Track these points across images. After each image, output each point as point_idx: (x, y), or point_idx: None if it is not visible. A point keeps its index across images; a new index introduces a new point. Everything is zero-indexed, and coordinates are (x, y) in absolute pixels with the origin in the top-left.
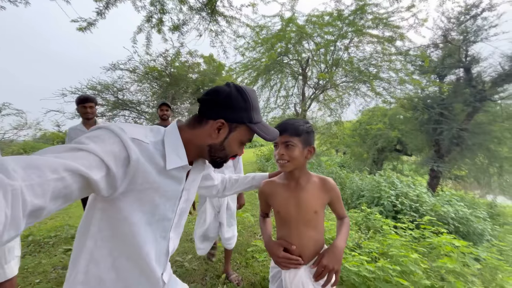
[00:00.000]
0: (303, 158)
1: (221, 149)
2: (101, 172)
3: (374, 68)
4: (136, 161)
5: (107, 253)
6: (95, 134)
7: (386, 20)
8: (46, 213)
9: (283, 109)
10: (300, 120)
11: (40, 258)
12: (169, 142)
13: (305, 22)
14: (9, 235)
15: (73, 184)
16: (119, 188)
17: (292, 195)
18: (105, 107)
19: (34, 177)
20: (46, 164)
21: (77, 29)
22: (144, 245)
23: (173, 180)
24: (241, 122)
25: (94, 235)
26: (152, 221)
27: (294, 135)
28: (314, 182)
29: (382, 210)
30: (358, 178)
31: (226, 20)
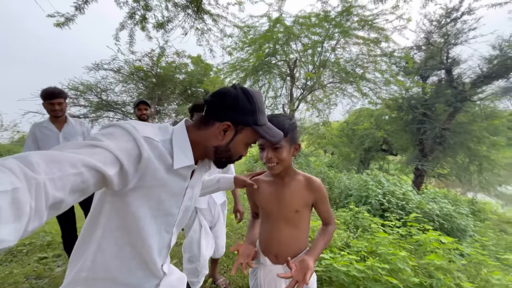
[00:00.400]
0: (291, 157)
1: (226, 151)
2: (115, 168)
3: (360, 69)
4: (147, 159)
5: (113, 242)
6: (110, 131)
7: (371, 22)
8: (65, 205)
9: (272, 109)
10: (284, 118)
11: (11, 267)
12: (177, 141)
13: (293, 23)
14: (33, 225)
15: (90, 179)
16: (130, 183)
17: (275, 192)
18: (88, 108)
19: (56, 171)
20: (66, 160)
21: (54, 25)
22: (148, 238)
23: (179, 177)
24: (247, 124)
25: (104, 226)
26: (157, 215)
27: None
28: (299, 180)
29: (370, 208)
30: (346, 177)
31: (213, 19)
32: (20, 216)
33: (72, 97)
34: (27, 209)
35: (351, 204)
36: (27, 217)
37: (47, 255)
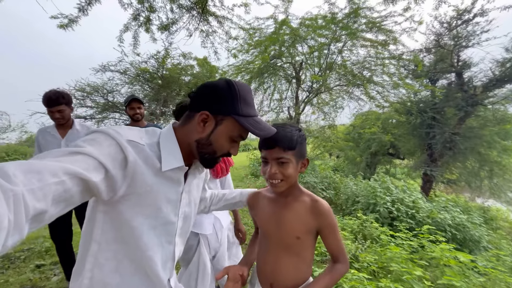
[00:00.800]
0: (297, 174)
1: (208, 144)
2: (100, 174)
3: (367, 72)
4: (133, 162)
5: (111, 255)
6: (91, 137)
7: (379, 24)
8: (48, 217)
9: (277, 112)
10: (292, 128)
11: (8, 275)
12: (164, 143)
13: (299, 25)
14: (13, 240)
15: (73, 187)
16: (119, 191)
17: (275, 212)
18: (94, 109)
19: (35, 181)
20: (46, 168)
21: (57, 27)
22: (147, 250)
23: (170, 182)
24: (226, 114)
25: (98, 238)
26: (155, 225)
27: (287, 149)
28: (303, 201)
29: (378, 217)
30: (352, 183)
31: (218, 20)
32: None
33: (79, 98)
34: (5, 223)
35: (358, 212)
36: (5, 231)
37: (44, 262)
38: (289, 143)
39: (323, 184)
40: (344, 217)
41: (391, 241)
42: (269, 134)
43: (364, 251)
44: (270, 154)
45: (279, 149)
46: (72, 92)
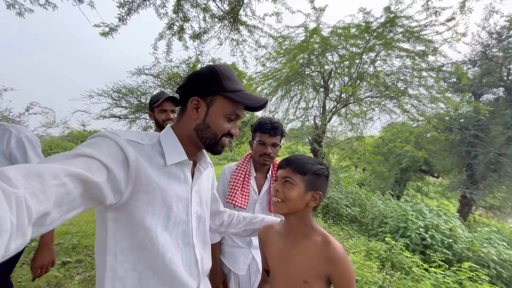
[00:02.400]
0: (303, 203)
1: (206, 128)
2: (102, 175)
3: (402, 84)
4: (135, 160)
5: (130, 267)
6: (90, 141)
7: (418, 34)
8: (51, 220)
9: (302, 121)
10: (313, 159)
11: None
12: (165, 141)
13: (330, 33)
14: (16, 243)
15: (74, 189)
16: (125, 192)
17: (283, 249)
18: (128, 110)
19: (36, 184)
20: (47, 171)
21: (100, 34)
22: (166, 252)
23: (177, 179)
24: (214, 93)
25: (113, 249)
26: (168, 225)
27: (297, 172)
28: (314, 241)
29: (409, 243)
30: (381, 201)
31: (248, 30)
32: (0, 232)
33: (115, 99)
34: (8, 225)
35: (387, 236)
36: (8, 233)
37: (70, 259)
38: (301, 167)
39: (348, 200)
40: (370, 238)
41: (424, 275)
42: (259, 103)
43: (393, 284)
44: (281, 172)
45: (289, 170)
46: (109, 93)
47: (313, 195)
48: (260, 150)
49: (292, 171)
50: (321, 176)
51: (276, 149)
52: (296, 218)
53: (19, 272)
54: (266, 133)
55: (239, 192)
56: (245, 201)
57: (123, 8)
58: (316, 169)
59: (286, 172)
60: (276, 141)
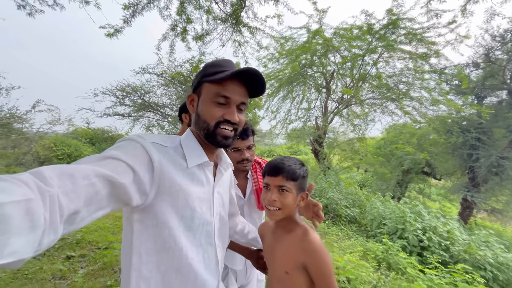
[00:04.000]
0: (295, 205)
1: (198, 118)
2: (128, 176)
3: (404, 86)
4: (159, 162)
5: (154, 267)
6: (118, 145)
7: (420, 36)
8: (81, 218)
9: (304, 121)
10: (296, 161)
11: (42, 262)
12: (186, 143)
13: (333, 34)
14: (49, 239)
15: (102, 189)
16: (150, 193)
17: (271, 245)
18: (131, 108)
19: (68, 184)
20: (78, 172)
21: (105, 35)
22: (188, 251)
23: (199, 181)
24: (199, 83)
25: (138, 250)
26: (192, 226)
27: (290, 179)
28: (295, 234)
29: (406, 244)
30: (380, 203)
31: (250, 31)
32: (34, 227)
33: (119, 97)
34: (42, 221)
35: (384, 237)
36: (41, 229)
37: (74, 254)
38: (293, 174)
39: (348, 200)
40: (368, 239)
41: (419, 276)
42: (237, 70)
43: (387, 284)
44: (273, 181)
45: (282, 178)
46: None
47: (302, 196)
48: (237, 157)
49: (286, 179)
50: (306, 177)
51: (252, 151)
52: (285, 219)
53: (26, 265)
54: (238, 138)
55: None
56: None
57: (127, 10)
58: (303, 172)
59: (279, 181)
60: (250, 143)
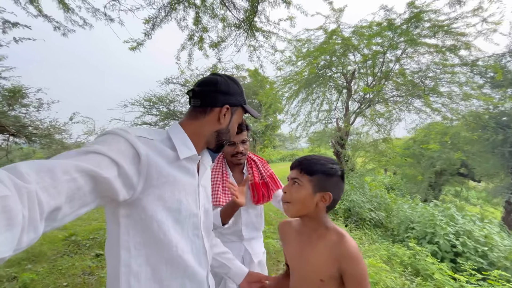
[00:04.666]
0: (312, 204)
1: (227, 132)
2: (112, 171)
3: (431, 81)
4: (145, 156)
5: (144, 261)
6: (101, 139)
7: (447, 27)
8: (63, 215)
9: (325, 123)
10: (326, 159)
11: (74, 260)
12: (175, 136)
13: (351, 33)
14: (28, 237)
15: (85, 185)
16: (137, 187)
17: (300, 249)
18: (158, 117)
19: (47, 179)
20: (58, 167)
21: (129, 49)
22: (178, 243)
23: (186, 173)
24: (239, 104)
25: (127, 244)
26: (180, 218)
27: (305, 172)
28: (329, 240)
29: (437, 250)
30: (407, 206)
31: (264, 35)
32: (12, 225)
33: (146, 107)
34: (19, 218)
35: (412, 241)
36: (20, 226)
37: (102, 252)
38: (309, 168)
39: (372, 204)
40: (395, 244)
41: (448, 281)
42: (258, 116)
43: None
44: (290, 173)
45: (296, 171)
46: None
47: (322, 196)
48: (231, 151)
49: (300, 172)
50: (331, 176)
51: (247, 145)
52: (309, 219)
53: (60, 261)
54: None
55: (220, 191)
56: (228, 198)
57: (148, 24)
58: (326, 169)
59: (294, 173)
60: (244, 138)
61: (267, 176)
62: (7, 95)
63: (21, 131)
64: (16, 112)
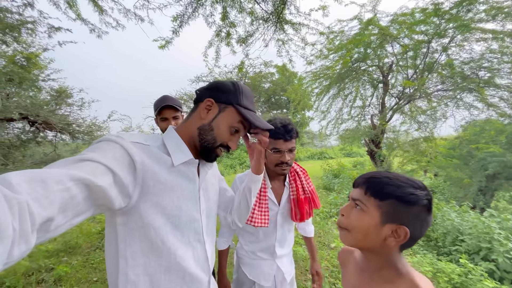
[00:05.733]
0: (378, 238)
1: (209, 130)
2: (107, 178)
3: (486, 72)
4: (141, 163)
5: (141, 271)
6: (95, 146)
7: (508, 9)
8: (56, 225)
9: (358, 120)
10: (406, 180)
11: None
12: (169, 141)
13: (390, 22)
14: (20, 249)
15: (79, 194)
16: (133, 195)
17: (358, 287)
18: None
19: (39, 190)
20: (51, 176)
21: (158, 47)
22: (177, 250)
23: (184, 177)
24: (229, 102)
25: (124, 253)
26: (180, 224)
27: (371, 194)
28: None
29: (494, 269)
30: (455, 214)
31: (293, 28)
32: (1, 238)
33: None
34: (10, 231)
35: (462, 257)
36: (10, 239)
37: None
38: (376, 188)
39: None
40: (439, 257)
41: None
42: (265, 126)
43: None
44: (352, 192)
45: (360, 190)
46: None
47: (395, 230)
48: (275, 160)
49: (365, 193)
50: (410, 204)
51: (293, 154)
52: (373, 255)
53: (93, 255)
54: (280, 139)
55: (256, 211)
56: (266, 219)
57: (176, 21)
58: (403, 194)
59: (357, 194)
60: (292, 146)
61: (309, 191)
62: (55, 95)
63: (66, 128)
64: (62, 111)
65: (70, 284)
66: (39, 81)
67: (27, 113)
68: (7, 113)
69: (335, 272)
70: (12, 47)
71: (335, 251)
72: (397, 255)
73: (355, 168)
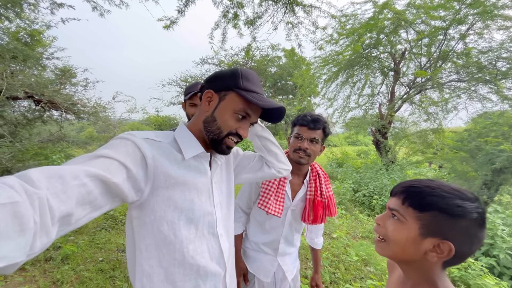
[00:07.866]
0: (418, 252)
1: (212, 120)
2: (121, 174)
3: (505, 63)
4: (152, 158)
5: (156, 263)
6: (109, 143)
7: None
8: (76, 220)
9: (365, 109)
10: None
11: (111, 235)
12: (180, 136)
13: (406, 6)
14: (41, 242)
15: (95, 189)
16: (145, 190)
17: None
18: None
19: (58, 185)
20: (68, 172)
21: (163, 27)
22: (190, 243)
23: (196, 171)
24: (228, 88)
25: (139, 246)
26: (193, 218)
27: (410, 204)
28: None
29: (495, 264)
30: None
31: (304, 10)
32: (24, 231)
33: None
34: (31, 224)
35: None
36: (32, 232)
37: None
38: (416, 198)
39: None
40: None
41: None
42: (271, 105)
43: None
44: (389, 201)
45: (397, 199)
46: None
47: (438, 245)
48: (295, 144)
49: (402, 203)
50: (456, 217)
51: (315, 146)
52: (411, 270)
53: (99, 235)
54: (304, 125)
55: (272, 198)
56: (280, 209)
57: (181, 0)
58: (447, 206)
59: (394, 203)
60: (315, 136)
61: (327, 196)
62: (59, 74)
63: (70, 108)
64: (67, 91)
65: (77, 262)
66: (43, 59)
67: (32, 91)
68: (12, 91)
69: (335, 262)
70: (15, 23)
71: (336, 241)
72: (439, 272)
73: (359, 157)
